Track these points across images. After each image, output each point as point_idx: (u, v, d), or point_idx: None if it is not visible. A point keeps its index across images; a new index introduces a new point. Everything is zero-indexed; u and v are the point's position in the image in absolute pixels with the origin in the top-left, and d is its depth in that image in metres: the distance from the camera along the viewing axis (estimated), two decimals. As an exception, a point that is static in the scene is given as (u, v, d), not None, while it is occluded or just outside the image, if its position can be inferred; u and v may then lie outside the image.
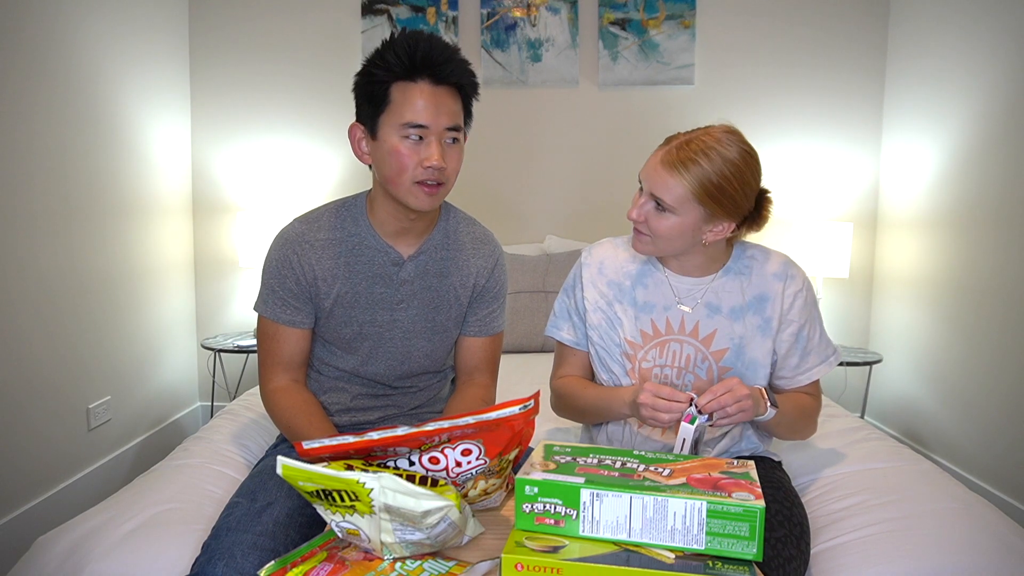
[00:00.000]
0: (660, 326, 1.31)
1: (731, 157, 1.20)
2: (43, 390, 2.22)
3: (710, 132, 1.24)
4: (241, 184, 3.16)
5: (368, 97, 1.27)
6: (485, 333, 1.46)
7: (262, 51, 3.09)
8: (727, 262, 1.33)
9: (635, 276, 1.35)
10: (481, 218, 1.53)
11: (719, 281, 1.31)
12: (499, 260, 1.47)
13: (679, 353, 1.30)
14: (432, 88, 1.23)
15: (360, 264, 1.36)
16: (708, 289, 1.31)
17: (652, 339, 1.32)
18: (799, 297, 1.30)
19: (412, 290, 1.38)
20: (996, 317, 2.36)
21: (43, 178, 2.21)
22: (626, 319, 1.33)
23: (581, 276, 1.39)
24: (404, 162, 1.24)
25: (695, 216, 1.21)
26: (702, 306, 1.30)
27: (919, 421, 2.78)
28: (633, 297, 1.34)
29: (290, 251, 1.35)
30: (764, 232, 1.35)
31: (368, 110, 1.27)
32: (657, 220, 1.23)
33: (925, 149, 2.77)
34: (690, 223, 1.22)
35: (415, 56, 1.21)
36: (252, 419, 1.80)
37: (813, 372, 1.33)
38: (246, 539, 1.10)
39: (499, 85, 3.07)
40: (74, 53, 2.34)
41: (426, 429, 0.94)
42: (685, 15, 3.00)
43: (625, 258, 1.37)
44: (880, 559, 1.16)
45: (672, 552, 0.85)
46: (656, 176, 1.21)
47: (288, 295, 1.36)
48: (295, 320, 1.37)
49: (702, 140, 1.21)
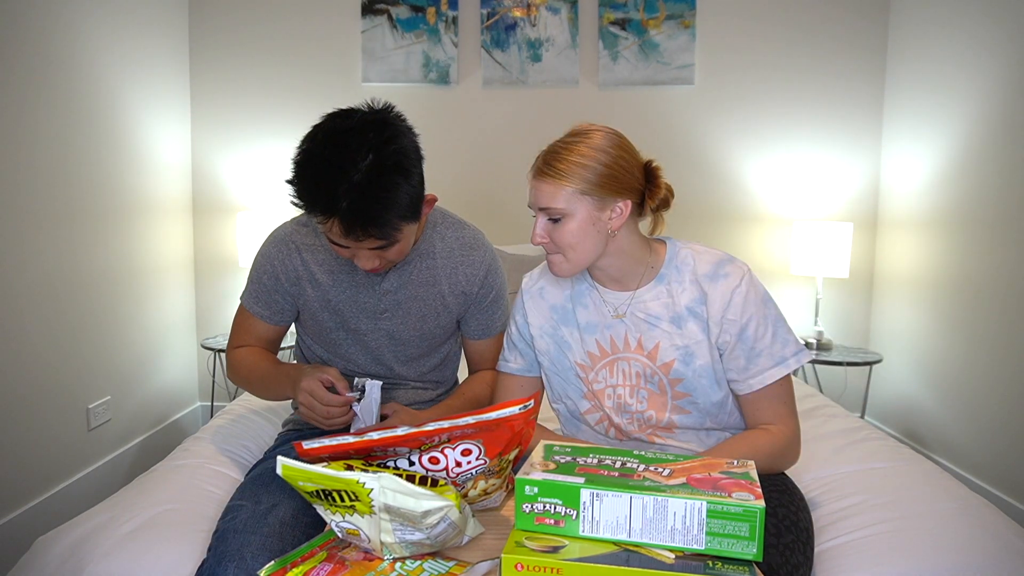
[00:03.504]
0: (605, 345, 1.29)
1: (591, 141, 1.22)
2: (43, 390, 2.22)
3: (567, 134, 1.26)
4: (241, 184, 3.16)
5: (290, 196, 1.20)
6: (489, 334, 1.50)
7: (262, 51, 3.10)
8: (660, 269, 1.28)
9: (575, 297, 1.33)
10: (480, 218, 1.53)
11: (653, 290, 1.27)
12: (491, 265, 1.46)
13: (628, 371, 1.27)
14: (345, 237, 1.17)
15: (344, 273, 1.39)
16: (641, 300, 1.27)
17: (600, 360, 1.29)
18: (736, 295, 1.22)
19: (396, 300, 1.40)
20: (996, 317, 2.36)
21: (43, 178, 2.21)
22: (573, 342, 1.31)
23: (523, 304, 1.37)
24: (339, 252, 1.25)
25: (586, 208, 1.19)
26: (640, 319, 1.26)
27: (919, 421, 2.78)
28: (576, 319, 1.31)
29: (279, 250, 1.40)
30: (767, 230, 1.34)
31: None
32: (558, 232, 1.20)
33: (925, 149, 2.77)
34: (586, 217, 1.19)
35: (334, 209, 1.13)
36: (252, 420, 1.80)
37: (765, 375, 1.21)
38: (255, 540, 1.10)
39: (499, 85, 3.07)
40: (74, 54, 2.34)
41: (426, 429, 0.94)
42: (685, 15, 3.00)
43: (566, 281, 1.35)
44: (880, 559, 1.16)
45: (672, 552, 0.85)
46: (536, 193, 1.22)
47: (267, 291, 1.41)
48: (267, 315, 1.44)
49: (560, 142, 1.24)
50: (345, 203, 1.11)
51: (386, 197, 1.14)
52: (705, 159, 3.07)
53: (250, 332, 1.47)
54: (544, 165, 1.21)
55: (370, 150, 1.12)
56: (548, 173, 1.20)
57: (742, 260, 1.28)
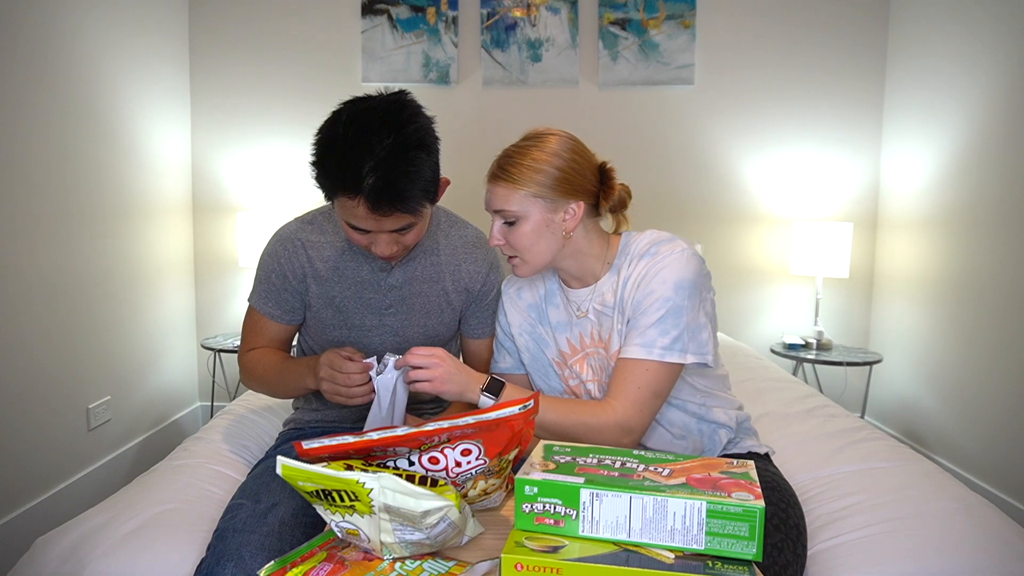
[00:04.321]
0: (575, 343, 1.33)
1: (544, 145, 1.24)
2: (43, 390, 2.22)
3: (522, 138, 1.28)
4: (241, 184, 3.16)
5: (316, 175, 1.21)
6: (488, 335, 1.50)
7: (262, 51, 3.10)
8: (613, 261, 1.29)
9: (547, 297, 1.38)
10: (480, 219, 1.53)
11: (608, 281, 1.29)
12: (494, 263, 1.48)
13: (595, 365, 1.30)
14: (373, 213, 1.17)
15: (350, 269, 1.39)
16: (600, 292, 1.29)
17: (571, 357, 1.33)
18: (652, 268, 1.20)
19: (400, 296, 1.40)
20: (996, 317, 2.36)
21: (43, 178, 2.21)
22: (549, 340, 1.36)
23: (503, 305, 1.43)
24: (356, 240, 1.26)
25: (539, 210, 1.22)
26: (599, 311, 1.29)
27: (919, 421, 2.78)
28: (548, 318, 1.36)
29: (284, 248, 1.39)
30: (767, 230, 1.33)
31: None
32: (513, 234, 1.24)
33: (925, 149, 2.77)
34: (539, 219, 1.22)
35: (360, 186, 1.14)
36: (252, 419, 1.80)
37: (627, 349, 1.19)
38: (253, 540, 1.10)
39: (499, 85, 3.07)
40: (74, 54, 2.34)
41: (426, 429, 0.94)
42: (685, 15, 3.00)
43: (538, 281, 1.40)
44: (880, 559, 1.16)
45: (672, 552, 0.85)
46: (491, 196, 1.25)
47: (276, 290, 1.40)
48: (278, 315, 1.42)
49: (514, 146, 1.26)
50: (371, 179, 1.12)
51: (411, 171, 1.15)
52: (705, 159, 3.07)
53: (262, 334, 1.45)
54: (498, 169, 1.25)
55: (392, 130, 1.14)
56: (502, 177, 1.23)
57: (689, 245, 1.24)
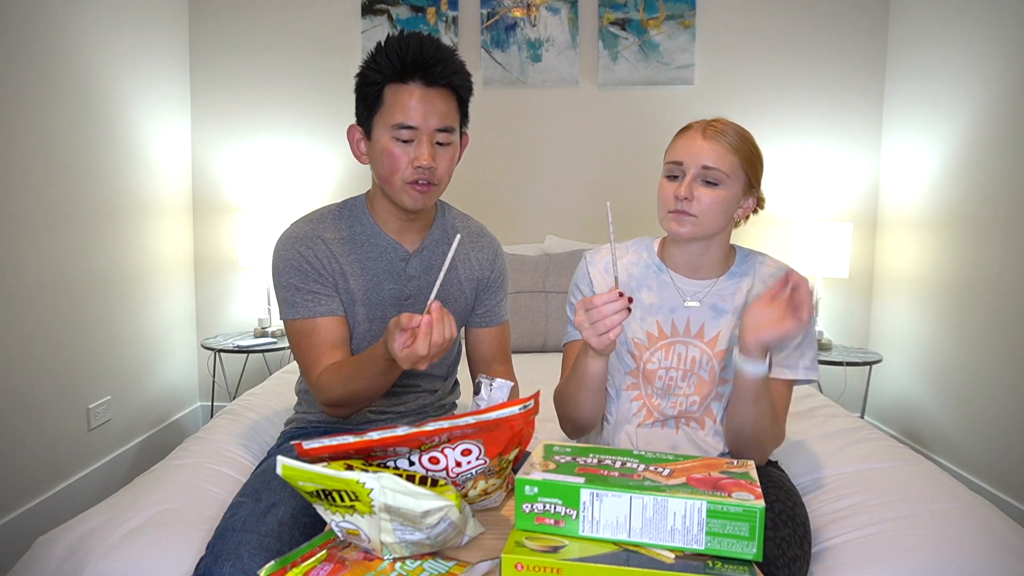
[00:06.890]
0: (666, 328, 1.32)
1: (746, 132, 1.28)
2: (43, 390, 2.22)
3: (713, 118, 1.30)
4: (241, 184, 3.16)
5: (363, 98, 1.29)
6: (494, 323, 1.50)
7: (262, 51, 3.09)
8: (731, 266, 1.34)
9: (639, 279, 1.35)
10: (481, 218, 1.55)
11: (724, 284, 1.32)
12: (498, 250, 1.51)
13: (684, 355, 1.31)
14: (423, 90, 1.25)
15: (371, 260, 1.37)
16: (713, 291, 1.32)
17: (657, 340, 1.32)
18: None
19: (419, 285, 1.40)
20: (996, 317, 2.36)
21: (43, 178, 2.21)
22: (634, 319, 1.33)
23: (588, 272, 1.38)
24: (396, 162, 1.26)
25: (738, 186, 1.25)
26: (708, 307, 1.31)
27: (919, 421, 2.78)
28: (639, 298, 1.34)
29: (304, 248, 1.34)
30: (765, 228, 1.35)
31: (363, 111, 1.30)
32: (708, 193, 1.23)
33: (925, 149, 2.77)
34: (734, 194, 1.25)
35: (406, 58, 1.23)
36: (252, 419, 1.80)
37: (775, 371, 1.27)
38: (252, 539, 1.10)
39: (499, 85, 3.07)
40: (74, 53, 2.34)
41: (426, 429, 0.94)
42: (685, 15, 3.00)
43: (630, 260, 1.38)
44: (880, 559, 1.16)
45: (672, 552, 0.85)
46: (702, 150, 1.23)
47: (314, 287, 1.33)
48: (330, 308, 1.34)
49: (717, 119, 1.28)
50: (422, 54, 1.23)
51: (456, 53, 1.29)
52: (705, 159, 3.06)
53: (319, 344, 1.33)
54: (716, 131, 1.24)
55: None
56: (717, 139, 1.23)
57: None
